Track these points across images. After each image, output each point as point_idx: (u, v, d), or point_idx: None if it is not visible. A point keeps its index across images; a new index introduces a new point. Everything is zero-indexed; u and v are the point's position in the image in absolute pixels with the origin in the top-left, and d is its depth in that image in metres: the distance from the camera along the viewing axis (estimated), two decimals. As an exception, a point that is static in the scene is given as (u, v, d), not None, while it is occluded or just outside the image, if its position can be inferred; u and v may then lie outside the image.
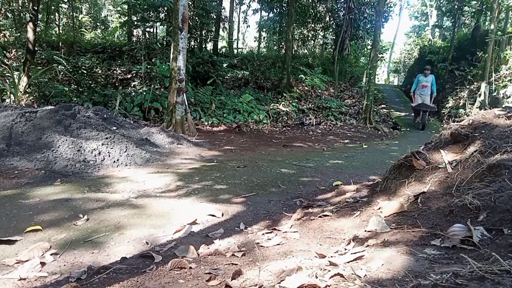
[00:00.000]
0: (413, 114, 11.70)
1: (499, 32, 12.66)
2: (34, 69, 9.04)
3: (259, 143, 7.34)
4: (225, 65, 12.71)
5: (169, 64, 8.09)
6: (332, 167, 4.57)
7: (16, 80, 8.29)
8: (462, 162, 1.97)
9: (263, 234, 2.27)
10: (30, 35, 8.69)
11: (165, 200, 2.93)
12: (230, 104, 10.29)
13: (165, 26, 12.75)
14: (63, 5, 14.71)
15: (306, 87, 13.20)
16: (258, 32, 20.30)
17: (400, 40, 39.48)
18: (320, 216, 2.37)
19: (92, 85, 9.93)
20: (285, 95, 11.94)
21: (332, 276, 1.23)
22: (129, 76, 11.15)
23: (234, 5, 17.35)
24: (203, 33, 14.12)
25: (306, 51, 19.90)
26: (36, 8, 9.00)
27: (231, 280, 1.45)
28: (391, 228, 1.75)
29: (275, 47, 19.87)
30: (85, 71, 10.51)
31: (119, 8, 17.07)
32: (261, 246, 2.06)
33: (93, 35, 16.11)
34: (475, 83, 12.87)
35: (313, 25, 18.09)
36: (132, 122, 7.15)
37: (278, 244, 2.05)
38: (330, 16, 17.54)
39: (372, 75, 11.21)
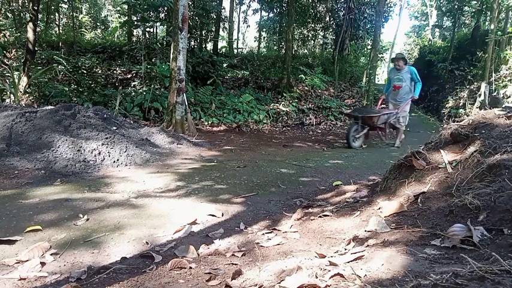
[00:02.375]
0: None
1: (499, 32, 12.67)
2: (34, 69, 9.04)
3: (259, 143, 7.33)
4: (225, 65, 12.71)
5: (169, 64, 8.09)
6: (332, 167, 4.57)
7: (16, 80, 8.29)
8: (462, 162, 1.97)
9: (263, 234, 2.27)
10: (30, 35, 8.69)
11: (165, 200, 2.92)
12: (230, 104, 10.29)
13: (165, 26, 12.76)
14: (63, 5, 14.71)
15: (306, 87, 13.20)
16: (258, 32, 20.29)
17: (400, 40, 39.34)
18: (320, 216, 2.37)
19: (92, 85, 9.93)
20: (285, 95, 11.94)
21: (332, 276, 1.23)
22: (129, 76, 11.15)
23: (234, 5, 17.35)
24: (203, 33, 14.13)
25: (306, 51, 19.91)
26: (36, 8, 9.00)
27: (231, 280, 1.45)
28: (391, 228, 1.75)
29: (275, 47, 19.88)
30: (85, 71, 10.51)
31: (118, 8, 17.08)
32: (261, 246, 2.06)
33: (93, 35, 16.11)
34: (475, 83, 12.88)
35: (313, 25, 18.09)
36: (132, 122, 7.15)
37: (278, 244, 2.05)
38: (330, 16, 17.54)
39: (371, 75, 11.22)
